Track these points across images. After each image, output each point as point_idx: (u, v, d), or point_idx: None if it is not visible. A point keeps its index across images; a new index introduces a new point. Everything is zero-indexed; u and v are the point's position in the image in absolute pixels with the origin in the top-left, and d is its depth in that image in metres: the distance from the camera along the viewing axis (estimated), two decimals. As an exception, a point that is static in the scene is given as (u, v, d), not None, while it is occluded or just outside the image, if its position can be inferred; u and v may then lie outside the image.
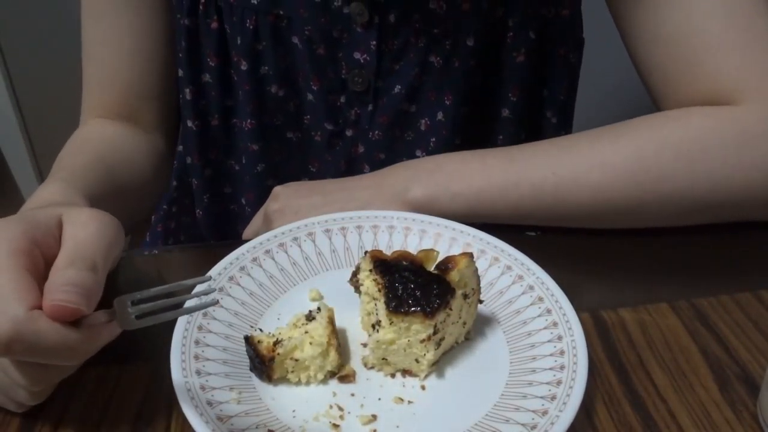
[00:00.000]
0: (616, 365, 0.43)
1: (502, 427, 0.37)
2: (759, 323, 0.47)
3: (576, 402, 0.37)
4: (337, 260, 0.50)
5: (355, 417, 0.38)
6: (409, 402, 0.40)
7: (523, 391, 0.39)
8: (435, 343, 0.40)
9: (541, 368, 0.40)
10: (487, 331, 0.44)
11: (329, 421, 0.38)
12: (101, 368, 0.43)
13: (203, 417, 0.35)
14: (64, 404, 0.40)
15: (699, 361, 0.44)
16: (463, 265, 0.42)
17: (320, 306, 0.43)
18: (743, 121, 0.54)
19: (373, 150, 0.67)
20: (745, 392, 0.41)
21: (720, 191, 0.52)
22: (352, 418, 0.38)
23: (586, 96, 0.74)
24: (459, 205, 0.53)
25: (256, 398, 0.39)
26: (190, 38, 0.64)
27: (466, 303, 0.42)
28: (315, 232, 0.51)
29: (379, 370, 0.42)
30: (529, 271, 0.46)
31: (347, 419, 0.38)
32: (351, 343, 0.44)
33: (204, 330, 0.41)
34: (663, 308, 0.48)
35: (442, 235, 0.51)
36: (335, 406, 0.39)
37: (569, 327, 0.42)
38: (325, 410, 0.39)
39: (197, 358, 0.39)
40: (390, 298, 0.40)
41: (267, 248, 0.49)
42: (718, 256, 0.54)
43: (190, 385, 0.37)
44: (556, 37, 0.65)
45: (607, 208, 0.53)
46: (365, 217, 0.52)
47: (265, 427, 0.37)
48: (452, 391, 0.41)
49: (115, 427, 0.39)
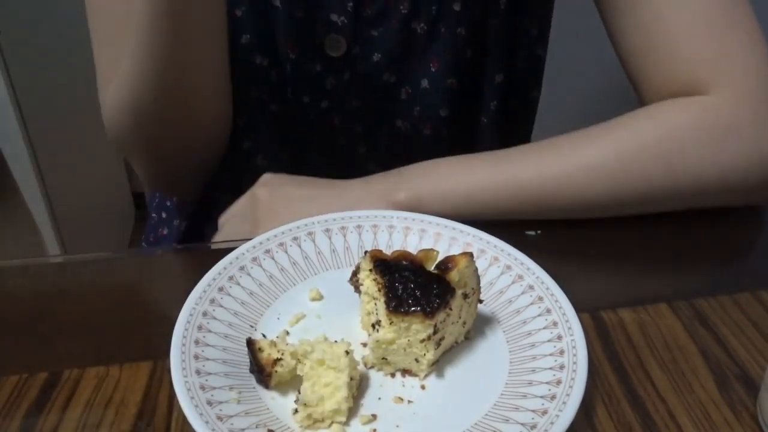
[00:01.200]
0: (616, 365, 0.43)
1: (501, 426, 0.37)
2: (758, 324, 0.47)
3: (576, 401, 0.37)
4: (337, 260, 0.50)
5: (354, 417, 0.38)
6: (409, 402, 0.40)
7: (523, 391, 0.39)
8: (435, 342, 0.40)
9: (540, 368, 0.40)
10: (486, 331, 0.44)
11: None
12: (101, 368, 0.43)
13: (203, 417, 0.35)
14: (64, 404, 0.40)
15: (698, 361, 0.44)
16: (463, 264, 0.42)
17: (346, 350, 0.39)
18: (717, 114, 0.55)
19: (350, 121, 0.66)
20: (745, 392, 0.41)
21: (698, 185, 0.54)
22: (351, 417, 0.38)
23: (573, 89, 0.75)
24: (446, 206, 0.54)
25: (255, 398, 0.39)
26: None
27: (466, 303, 0.42)
28: (315, 232, 0.51)
29: (379, 370, 0.42)
30: (528, 271, 0.46)
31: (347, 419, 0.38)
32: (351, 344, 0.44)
33: (204, 329, 0.41)
34: (662, 308, 0.48)
35: (441, 234, 0.51)
36: (335, 406, 0.39)
37: (569, 327, 0.42)
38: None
39: (197, 358, 0.39)
40: (390, 297, 0.40)
41: (267, 248, 0.49)
42: (718, 256, 0.54)
43: (190, 384, 0.37)
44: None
45: (591, 207, 0.55)
46: (365, 216, 0.52)
47: (265, 426, 0.37)
48: (452, 391, 0.41)
49: (115, 427, 0.39)
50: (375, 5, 0.60)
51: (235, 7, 0.60)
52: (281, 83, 0.65)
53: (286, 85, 0.65)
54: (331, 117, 0.66)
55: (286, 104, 0.66)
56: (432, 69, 0.63)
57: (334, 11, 0.61)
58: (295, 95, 0.65)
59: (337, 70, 0.63)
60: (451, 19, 0.61)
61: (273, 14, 0.61)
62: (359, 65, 0.63)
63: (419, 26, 0.61)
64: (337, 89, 0.65)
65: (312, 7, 0.61)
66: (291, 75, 0.64)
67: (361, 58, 0.63)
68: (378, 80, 0.64)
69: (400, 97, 0.65)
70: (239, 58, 0.62)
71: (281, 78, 0.64)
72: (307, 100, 0.65)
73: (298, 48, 0.62)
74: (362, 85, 0.64)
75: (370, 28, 0.61)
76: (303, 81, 0.64)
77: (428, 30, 0.61)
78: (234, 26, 0.61)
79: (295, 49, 0.62)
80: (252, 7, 0.60)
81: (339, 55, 0.62)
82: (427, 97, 0.65)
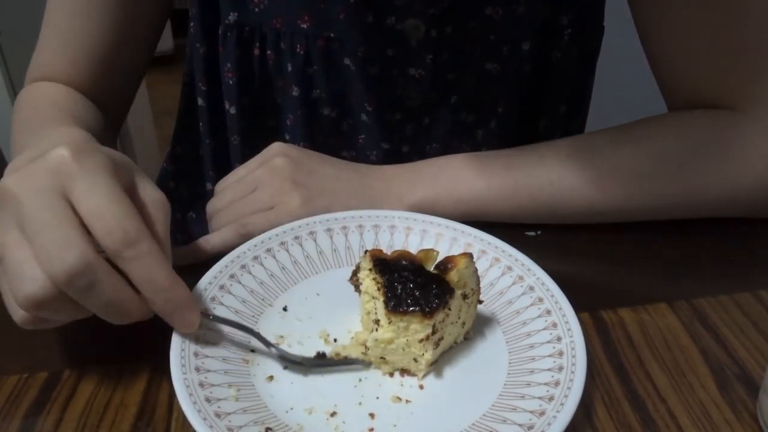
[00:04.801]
0: (616, 365, 0.43)
1: (499, 427, 0.37)
2: (758, 323, 0.47)
3: (573, 403, 0.37)
4: (338, 259, 0.50)
5: (352, 415, 0.39)
6: (407, 401, 0.40)
7: (521, 392, 0.39)
8: (433, 342, 0.40)
9: (539, 369, 0.40)
10: (486, 332, 0.44)
11: (326, 418, 0.38)
12: (101, 368, 0.43)
13: (201, 414, 0.35)
14: (64, 404, 0.40)
15: (698, 361, 0.44)
16: (463, 265, 0.42)
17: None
18: (743, 133, 0.55)
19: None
20: (745, 392, 0.41)
21: (712, 200, 0.54)
22: (349, 417, 0.38)
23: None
24: (458, 209, 0.54)
25: (254, 395, 0.39)
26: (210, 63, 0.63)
27: (466, 303, 0.42)
28: (316, 231, 0.51)
29: (378, 369, 0.42)
30: (529, 272, 0.46)
31: (344, 417, 0.38)
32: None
33: (204, 327, 0.42)
34: (662, 308, 0.48)
35: (443, 235, 0.51)
36: (333, 404, 0.39)
37: (569, 328, 0.42)
38: (323, 408, 0.39)
39: (197, 355, 0.40)
40: (389, 297, 0.40)
41: (268, 246, 0.49)
42: (718, 256, 0.54)
43: (189, 381, 0.37)
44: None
45: (600, 218, 0.55)
46: (366, 216, 0.52)
47: (263, 424, 0.37)
48: (450, 391, 0.41)
49: (115, 426, 0.39)
50: (452, 52, 0.60)
51: (307, 66, 0.60)
52: (351, 132, 0.65)
53: (357, 134, 0.65)
54: (412, 161, 0.66)
55: (359, 151, 0.66)
56: (499, 110, 0.64)
57: (412, 65, 0.60)
58: (373, 142, 0.64)
59: (418, 117, 0.63)
60: (519, 57, 0.61)
61: (344, 72, 0.61)
62: (437, 109, 0.63)
63: (493, 67, 0.61)
64: (417, 134, 0.65)
65: (388, 64, 0.60)
66: (367, 125, 0.63)
67: (439, 102, 0.63)
68: (457, 121, 0.64)
69: (477, 138, 0.65)
70: (307, 112, 0.63)
71: (352, 128, 0.64)
72: (386, 146, 0.64)
73: (375, 102, 0.62)
74: (442, 126, 0.64)
75: (448, 74, 0.61)
76: (382, 130, 0.63)
77: (500, 70, 0.62)
78: (305, 83, 0.61)
79: (372, 102, 0.62)
80: (324, 64, 0.60)
81: (418, 105, 0.63)
82: (494, 138, 0.65)
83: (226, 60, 0.62)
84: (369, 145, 0.65)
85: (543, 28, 0.61)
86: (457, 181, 0.55)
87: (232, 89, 0.63)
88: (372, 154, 0.65)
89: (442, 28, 0.59)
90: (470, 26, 0.59)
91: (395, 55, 0.60)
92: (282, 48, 0.60)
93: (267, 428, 0.37)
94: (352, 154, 0.66)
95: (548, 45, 0.63)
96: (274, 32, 0.60)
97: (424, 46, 0.59)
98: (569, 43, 0.63)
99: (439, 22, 0.58)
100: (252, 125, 0.66)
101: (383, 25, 0.58)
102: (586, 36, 0.65)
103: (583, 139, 0.57)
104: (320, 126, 0.64)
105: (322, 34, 0.58)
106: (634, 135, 0.56)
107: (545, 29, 0.61)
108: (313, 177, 0.54)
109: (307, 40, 0.59)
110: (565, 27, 0.62)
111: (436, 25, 0.58)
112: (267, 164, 0.54)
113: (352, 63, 0.60)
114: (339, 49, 0.59)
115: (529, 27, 0.60)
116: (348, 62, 0.60)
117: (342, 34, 0.58)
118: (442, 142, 0.65)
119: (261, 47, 0.61)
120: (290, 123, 0.64)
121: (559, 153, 0.55)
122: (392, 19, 0.58)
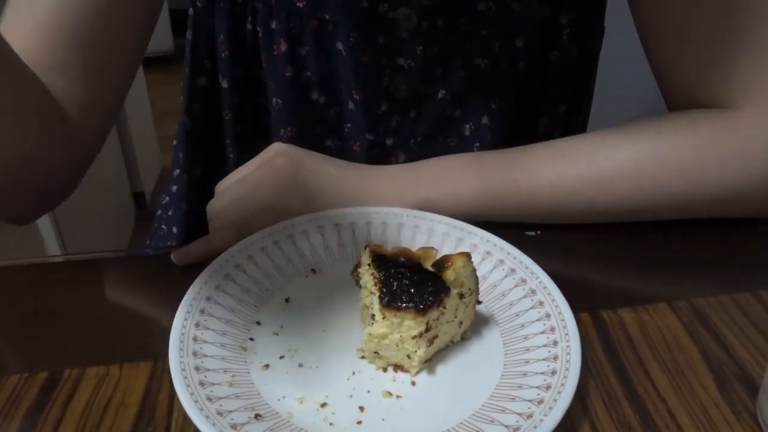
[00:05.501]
0: (616, 365, 0.43)
1: (485, 427, 0.37)
2: (758, 323, 0.47)
3: (562, 407, 0.37)
4: (343, 253, 0.51)
5: (342, 407, 0.39)
6: (398, 396, 0.40)
7: (512, 394, 0.39)
8: (427, 340, 0.40)
9: (532, 372, 0.40)
10: (484, 332, 0.44)
11: (316, 408, 0.39)
12: (101, 368, 0.43)
13: (193, 396, 0.36)
14: (64, 404, 0.40)
15: (698, 361, 0.44)
16: (460, 264, 0.42)
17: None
18: (745, 134, 0.54)
19: (414, 158, 0.65)
20: (745, 392, 0.41)
21: (715, 200, 0.54)
22: (339, 408, 0.39)
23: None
24: (458, 209, 0.54)
25: (248, 382, 0.40)
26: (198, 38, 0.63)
27: (463, 303, 0.42)
28: (324, 226, 0.51)
29: (372, 363, 0.42)
30: (533, 275, 0.46)
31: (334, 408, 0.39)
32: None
33: (206, 313, 0.42)
34: (662, 308, 0.48)
35: (449, 234, 0.51)
36: (324, 395, 0.39)
37: (566, 333, 0.42)
38: (314, 398, 0.39)
39: (195, 340, 0.40)
40: (384, 292, 0.40)
41: (276, 239, 0.49)
42: (718, 256, 0.54)
43: (185, 364, 0.38)
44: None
45: (600, 218, 0.55)
46: (375, 213, 0.52)
47: (253, 410, 0.37)
48: (442, 389, 0.41)
49: (115, 426, 0.39)
50: (442, 45, 0.60)
51: (298, 46, 0.61)
52: (338, 121, 0.65)
53: (344, 122, 0.65)
54: (396, 154, 0.66)
55: (343, 141, 0.66)
56: (493, 106, 0.63)
57: (401, 56, 0.61)
58: (357, 132, 0.65)
59: (404, 110, 0.64)
60: (513, 54, 0.61)
61: (335, 57, 0.61)
62: (424, 103, 0.63)
63: (483, 62, 0.61)
64: (402, 127, 0.65)
65: (378, 52, 0.60)
66: (353, 114, 0.64)
67: (426, 95, 0.63)
68: (443, 117, 0.64)
69: (465, 133, 0.65)
70: (297, 94, 0.63)
71: (339, 116, 0.65)
72: (371, 138, 0.64)
73: (362, 91, 0.62)
74: (428, 121, 0.64)
75: (437, 67, 0.61)
76: (367, 120, 0.63)
77: (491, 66, 0.61)
78: (296, 64, 0.61)
79: (360, 91, 0.62)
80: (315, 47, 0.60)
81: (405, 97, 0.63)
82: (487, 133, 0.65)
83: (220, 32, 0.63)
84: (354, 135, 0.65)
85: (540, 26, 0.61)
86: (458, 181, 0.55)
87: (225, 62, 0.64)
88: (356, 144, 0.65)
89: (434, 20, 0.59)
90: (462, 20, 0.59)
91: (385, 43, 0.60)
92: (273, 27, 0.60)
93: (257, 414, 0.37)
94: (337, 143, 0.66)
95: (546, 43, 0.63)
96: (267, 7, 0.60)
97: (414, 37, 0.60)
98: (568, 42, 0.63)
99: (432, 14, 0.59)
100: (243, 102, 0.66)
101: (376, 10, 0.58)
102: (586, 36, 0.65)
103: (583, 138, 0.57)
104: (307, 112, 0.64)
105: (316, 14, 0.59)
106: (634, 135, 0.55)
107: (542, 28, 0.61)
108: (314, 177, 0.54)
109: (301, 19, 0.59)
110: (564, 27, 0.62)
111: (428, 17, 0.59)
112: (267, 164, 0.54)
113: (343, 49, 0.60)
114: (332, 32, 0.60)
115: (524, 25, 0.60)
116: (340, 47, 0.60)
117: (336, 16, 0.59)
118: (428, 137, 0.65)
119: (253, 22, 0.61)
120: (278, 107, 0.65)
121: (559, 153, 0.56)
122: (385, 6, 0.58)
